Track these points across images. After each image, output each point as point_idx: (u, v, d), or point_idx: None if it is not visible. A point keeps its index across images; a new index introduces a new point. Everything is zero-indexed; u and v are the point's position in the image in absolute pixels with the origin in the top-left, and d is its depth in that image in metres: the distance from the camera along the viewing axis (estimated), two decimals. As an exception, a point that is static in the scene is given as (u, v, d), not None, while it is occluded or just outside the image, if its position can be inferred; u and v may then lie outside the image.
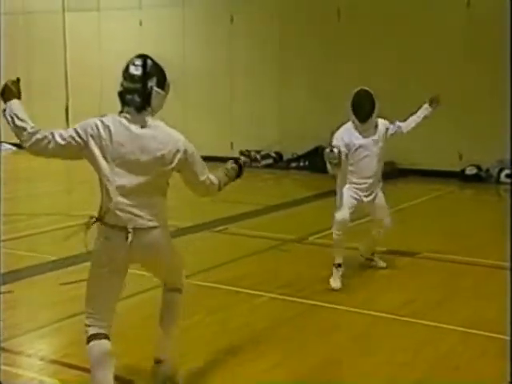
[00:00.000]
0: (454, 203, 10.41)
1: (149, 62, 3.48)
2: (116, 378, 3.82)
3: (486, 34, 11.27)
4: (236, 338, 4.64)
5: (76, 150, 3.37)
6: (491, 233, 7.64)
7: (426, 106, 6.18)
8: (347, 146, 5.66)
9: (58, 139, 3.33)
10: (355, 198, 5.80)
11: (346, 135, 5.71)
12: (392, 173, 12.33)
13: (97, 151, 3.33)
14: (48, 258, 6.67)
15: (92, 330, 3.49)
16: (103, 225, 3.40)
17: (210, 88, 14.17)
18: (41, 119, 17.14)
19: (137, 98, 3.40)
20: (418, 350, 4.44)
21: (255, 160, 13.53)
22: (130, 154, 3.35)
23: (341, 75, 12.42)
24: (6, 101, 3.29)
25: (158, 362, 3.84)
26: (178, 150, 3.42)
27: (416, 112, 6.18)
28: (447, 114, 11.76)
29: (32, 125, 3.31)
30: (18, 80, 3.38)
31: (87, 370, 4.02)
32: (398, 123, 6.04)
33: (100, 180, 3.40)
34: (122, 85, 3.47)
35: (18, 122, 3.25)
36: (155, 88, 3.44)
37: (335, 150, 5.43)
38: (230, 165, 3.88)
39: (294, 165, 13.57)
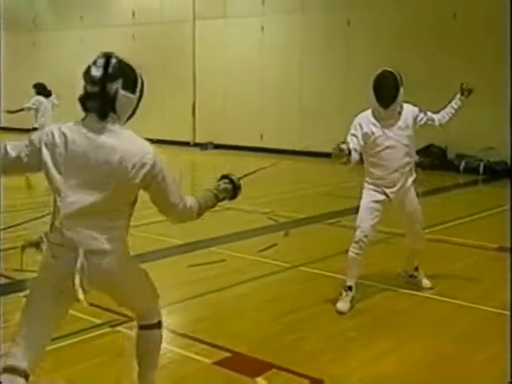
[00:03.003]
0: None
1: (113, 60, 2.76)
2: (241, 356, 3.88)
3: None
4: (349, 325, 4.60)
5: (30, 160, 2.76)
6: None
7: (458, 96, 5.13)
8: (366, 135, 4.71)
9: (10, 151, 2.76)
10: (378, 201, 4.81)
11: (365, 123, 4.76)
12: (503, 172, 11.84)
13: (49, 161, 2.71)
14: (175, 242, 6.88)
15: (10, 361, 2.70)
16: (50, 244, 2.77)
17: (326, 91, 14.10)
18: (171, 114, 17.92)
19: (98, 104, 2.73)
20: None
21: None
22: (88, 165, 2.70)
23: (458, 75, 12.00)
24: None
25: None
26: (144, 164, 2.71)
27: (450, 102, 5.15)
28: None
29: None
30: None
31: (214, 345, 4.15)
32: (429, 114, 5.01)
33: (52, 194, 2.78)
34: (84, 88, 2.78)
35: None
36: (121, 91, 2.75)
37: (344, 147, 4.49)
38: (223, 185, 3.10)
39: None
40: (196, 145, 16.66)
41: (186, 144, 16.86)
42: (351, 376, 3.75)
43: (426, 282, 5.31)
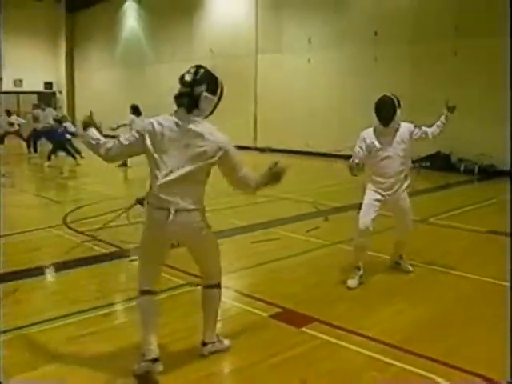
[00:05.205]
0: None
1: (201, 70, 2.95)
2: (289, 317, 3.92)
3: None
4: (373, 290, 4.57)
5: (138, 145, 2.94)
6: None
7: (445, 112, 4.83)
8: (368, 146, 4.56)
9: (123, 141, 2.96)
10: (377, 200, 4.60)
11: (368, 137, 4.59)
12: (493, 173, 11.44)
13: (150, 143, 2.89)
14: (241, 223, 6.94)
15: (142, 287, 3.08)
16: (149, 206, 2.95)
17: (357, 109, 13.85)
18: (237, 124, 17.96)
19: (186, 101, 2.90)
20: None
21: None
22: (178, 147, 2.88)
23: (457, 98, 11.65)
24: (85, 129, 3.03)
25: (203, 344, 3.33)
26: (219, 148, 2.91)
27: (439, 118, 4.84)
28: None
29: (104, 140, 3.00)
30: (91, 113, 3.11)
31: (269, 303, 4.17)
32: (424, 128, 4.75)
33: (150, 169, 2.95)
34: (179, 90, 2.96)
35: (92, 142, 2.99)
36: (204, 93, 2.92)
37: (358, 162, 4.39)
38: (270, 170, 3.12)
39: (417, 164, 12.96)
40: (256, 149, 16.72)
41: (249, 148, 16.96)
42: (376, 327, 3.76)
43: (407, 267, 5.03)
